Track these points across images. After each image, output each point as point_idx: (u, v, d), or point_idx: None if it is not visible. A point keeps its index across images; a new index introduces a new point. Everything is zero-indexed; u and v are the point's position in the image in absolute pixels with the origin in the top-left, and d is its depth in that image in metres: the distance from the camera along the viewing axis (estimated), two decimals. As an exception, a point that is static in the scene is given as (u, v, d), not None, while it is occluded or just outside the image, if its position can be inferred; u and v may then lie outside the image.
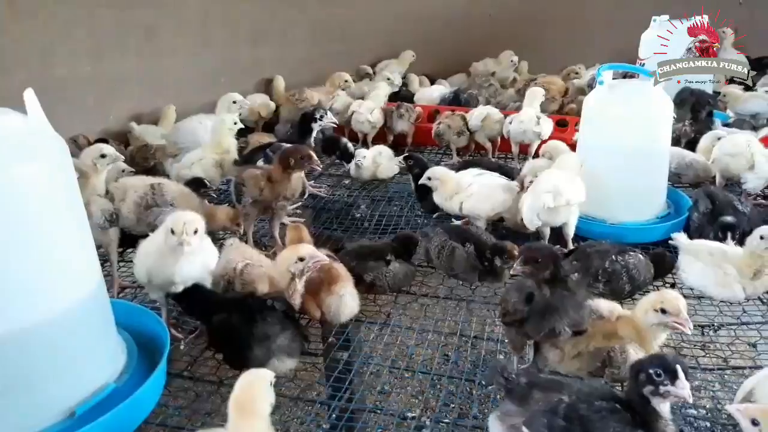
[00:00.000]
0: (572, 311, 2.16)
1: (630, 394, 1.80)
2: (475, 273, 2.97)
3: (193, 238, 2.36)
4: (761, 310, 2.76)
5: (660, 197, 3.48)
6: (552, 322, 2.14)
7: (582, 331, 2.19)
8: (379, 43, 7.29)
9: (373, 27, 7.12)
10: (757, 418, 1.68)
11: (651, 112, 3.30)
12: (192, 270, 2.43)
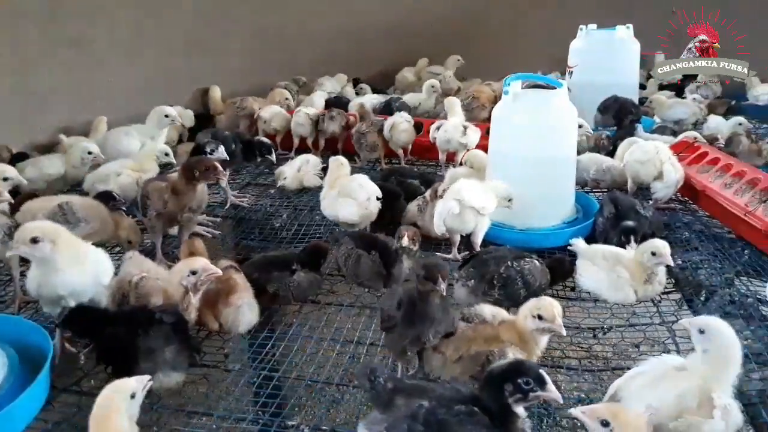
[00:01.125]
0: (439, 318, 2.22)
1: (489, 401, 1.84)
2: (380, 280, 3.01)
3: (32, 247, 2.33)
4: (650, 311, 2.84)
5: (568, 203, 3.56)
6: (418, 329, 2.19)
7: (450, 333, 2.26)
8: (318, 53, 7.32)
9: (312, 37, 7.15)
10: (606, 418, 1.72)
11: (555, 122, 3.39)
12: (78, 282, 2.42)
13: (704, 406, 1.94)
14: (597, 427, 1.70)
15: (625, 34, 5.46)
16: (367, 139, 4.76)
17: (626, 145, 4.14)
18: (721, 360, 1.97)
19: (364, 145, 4.79)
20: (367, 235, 3.21)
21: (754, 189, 3.45)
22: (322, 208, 3.54)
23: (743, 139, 4.94)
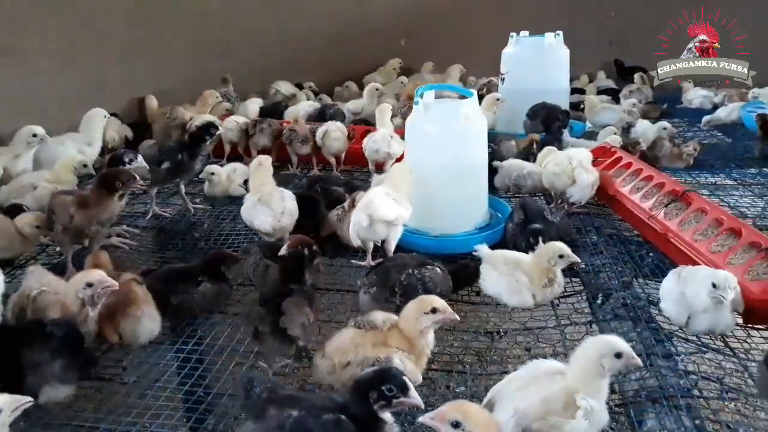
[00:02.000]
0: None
1: (356, 409, 1.89)
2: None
3: None
4: (546, 315, 2.92)
5: (481, 208, 3.65)
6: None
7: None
8: (265, 61, 7.33)
9: (257, 45, 7.15)
10: (456, 419, 1.76)
11: (464, 131, 3.46)
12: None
13: (570, 408, 2.02)
14: (448, 429, 1.74)
15: (553, 41, 5.58)
16: (300, 148, 4.80)
17: (546, 152, 4.24)
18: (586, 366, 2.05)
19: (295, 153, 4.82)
20: (277, 246, 3.24)
21: (660, 193, 3.57)
22: (241, 210, 3.56)
23: (666, 143, 5.11)
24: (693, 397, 2.21)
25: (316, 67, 7.61)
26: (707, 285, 2.50)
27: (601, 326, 2.77)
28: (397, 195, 3.34)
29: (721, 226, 3.06)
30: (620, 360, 2.01)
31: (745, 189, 4.63)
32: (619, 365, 2.02)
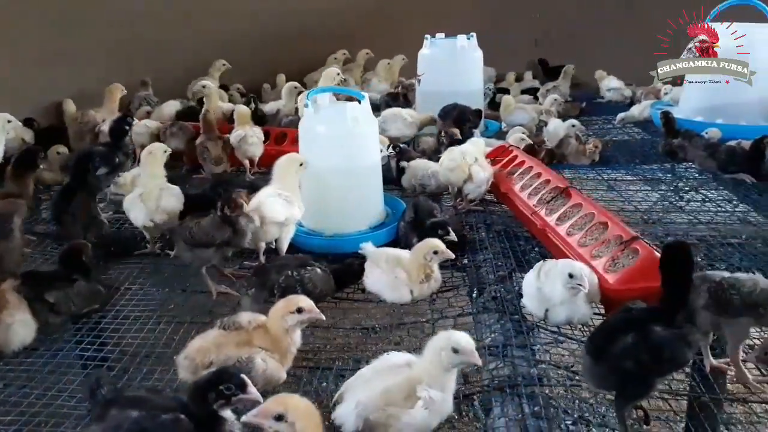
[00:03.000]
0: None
1: (196, 408, 1.94)
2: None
3: None
4: (424, 310, 3.01)
5: (374, 208, 3.73)
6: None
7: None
8: (189, 66, 7.28)
9: (180, 46, 7.11)
10: (279, 412, 1.81)
11: (355, 133, 3.54)
12: None
13: (412, 398, 2.11)
14: (272, 423, 1.79)
15: (466, 43, 5.71)
16: (211, 152, 4.80)
17: (448, 153, 4.34)
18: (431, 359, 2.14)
19: (208, 159, 4.82)
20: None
21: (545, 189, 3.70)
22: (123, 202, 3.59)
23: (572, 141, 5.28)
24: (536, 384, 2.31)
25: (246, 68, 7.59)
26: (564, 277, 2.62)
27: (468, 319, 2.87)
28: (290, 194, 3.39)
29: (592, 220, 3.20)
30: (458, 355, 2.10)
31: (643, 184, 4.82)
32: (457, 360, 2.11)
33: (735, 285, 2.30)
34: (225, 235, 3.14)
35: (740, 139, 4.99)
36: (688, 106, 5.91)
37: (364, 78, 7.67)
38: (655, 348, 1.94)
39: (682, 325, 1.99)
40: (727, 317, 2.29)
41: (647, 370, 1.96)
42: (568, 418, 2.17)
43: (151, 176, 3.52)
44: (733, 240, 3.62)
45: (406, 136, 5.42)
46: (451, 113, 5.29)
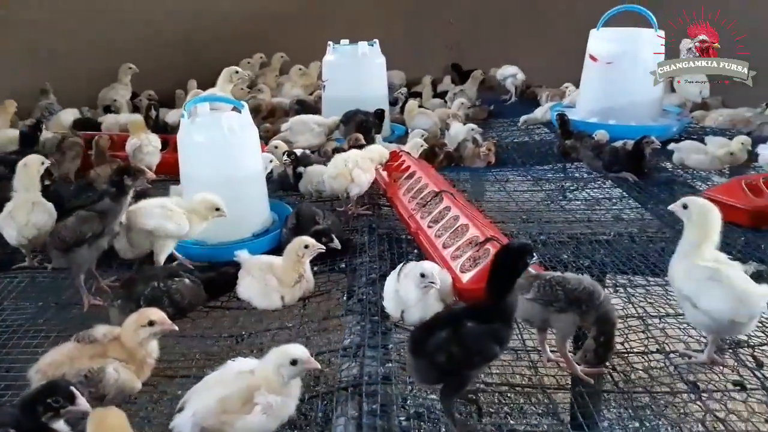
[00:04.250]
0: None
1: (27, 422, 1.96)
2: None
3: None
4: (294, 315, 3.09)
5: (257, 216, 3.78)
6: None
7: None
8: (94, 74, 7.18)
9: (87, 54, 7.00)
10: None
11: (233, 142, 3.58)
12: None
13: (249, 404, 2.18)
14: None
15: (367, 50, 5.83)
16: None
17: (333, 160, 4.42)
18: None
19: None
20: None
21: (423, 193, 3.83)
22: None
23: (469, 144, 5.45)
24: (378, 383, 2.41)
25: (159, 74, 7.52)
26: (417, 277, 2.74)
27: (333, 322, 2.96)
28: (185, 205, 3.40)
29: (457, 222, 3.33)
30: (297, 366, 2.19)
31: (532, 184, 5.03)
32: (297, 370, 2.20)
33: (561, 282, 2.46)
34: (93, 227, 3.11)
35: (629, 139, 5.25)
36: (584, 108, 6.19)
37: (278, 82, 7.71)
38: (464, 342, 2.07)
39: (494, 322, 2.11)
40: (554, 312, 2.45)
41: (459, 364, 2.08)
42: (402, 414, 2.28)
43: (24, 189, 3.48)
44: (602, 237, 3.83)
45: (315, 145, 5.49)
46: (353, 119, 5.39)
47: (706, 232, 2.59)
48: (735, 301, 2.42)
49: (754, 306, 2.43)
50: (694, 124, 6.75)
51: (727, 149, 5.10)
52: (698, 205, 2.65)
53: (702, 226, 2.60)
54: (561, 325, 2.48)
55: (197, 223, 3.38)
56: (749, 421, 2.33)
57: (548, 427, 2.34)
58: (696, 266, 2.52)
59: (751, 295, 2.43)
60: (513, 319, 2.19)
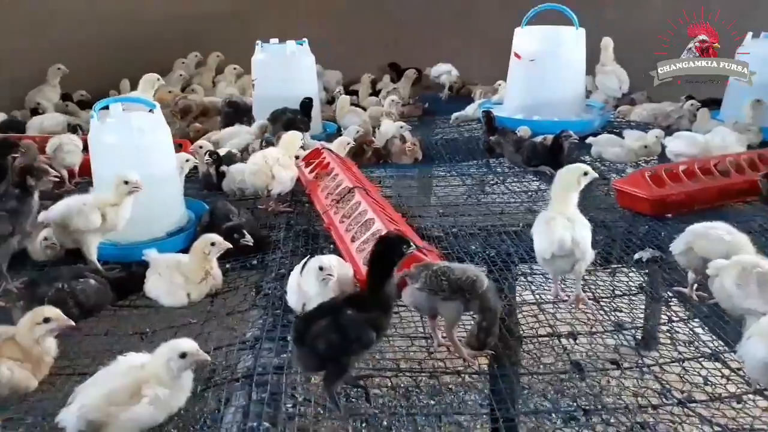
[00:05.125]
0: None
1: None
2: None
3: None
4: (196, 312, 3.13)
5: (171, 215, 3.81)
6: None
7: None
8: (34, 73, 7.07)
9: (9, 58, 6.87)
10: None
11: (145, 142, 3.61)
12: None
13: (137, 397, 2.24)
14: None
15: (296, 48, 5.89)
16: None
17: (251, 157, 4.47)
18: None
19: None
20: None
21: (339, 189, 3.91)
22: None
23: (396, 141, 5.56)
24: (269, 373, 2.48)
25: (91, 75, 7.43)
26: (316, 270, 2.82)
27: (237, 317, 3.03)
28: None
29: (365, 217, 3.43)
30: (186, 359, 2.25)
31: (455, 179, 5.17)
32: (187, 363, 2.26)
33: (446, 272, 2.57)
34: (2, 228, 3.08)
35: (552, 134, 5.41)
36: (510, 104, 6.36)
37: (215, 81, 7.70)
38: (342, 329, 2.16)
39: (373, 310, 2.21)
40: (440, 300, 2.56)
41: (338, 351, 2.17)
42: (290, 401, 2.35)
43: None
44: (511, 228, 3.97)
45: (244, 145, 5.51)
46: (280, 117, 5.45)
47: (558, 191, 3.07)
48: (548, 242, 2.90)
49: (562, 245, 2.87)
50: (620, 119, 7.02)
51: (642, 142, 5.33)
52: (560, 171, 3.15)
53: (555, 186, 3.10)
54: (447, 313, 2.59)
55: (113, 208, 3.36)
56: (620, 396, 2.48)
57: (436, 408, 2.44)
58: (542, 213, 3.04)
59: (564, 237, 2.87)
60: (392, 306, 2.29)
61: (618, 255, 3.60)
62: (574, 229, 2.91)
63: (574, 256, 2.91)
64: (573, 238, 2.89)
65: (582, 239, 2.92)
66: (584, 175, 3.09)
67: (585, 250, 2.93)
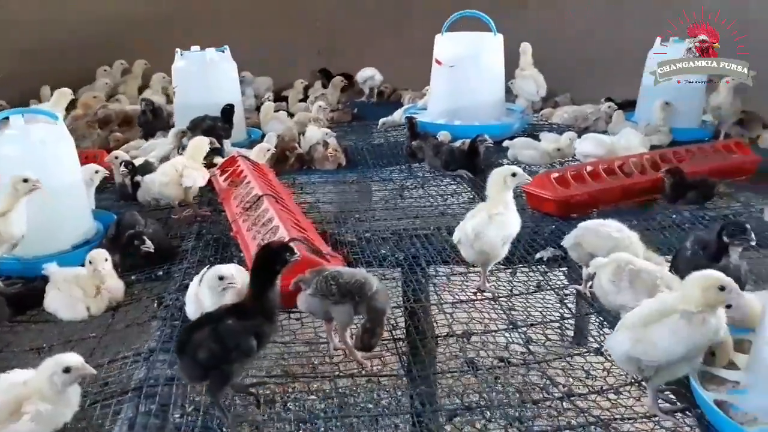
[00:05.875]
0: None
1: None
2: None
3: None
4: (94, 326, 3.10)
5: (77, 227, 3.76)
6: None
7: None
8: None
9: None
10: None
11: (41, 153, 3.55)
12: None
13: (19, 414, 2.21)
14: None
15: (216, 56, 5.88)
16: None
17: (160, 168, 4.45)
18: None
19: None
20: None
21: (249, 197, 3.93)
22: None
23: (319, 147, 5.60)
24: (159, 385, 2.49)
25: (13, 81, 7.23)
26: (214, 280, 2.83)
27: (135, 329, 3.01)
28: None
29: (270, 224, 3.45)
30: (71, 374, 2.23)
31: (376, 184, 5.24)
32: (72, 378, 2.24)
33: (336, 277, 2.62)
34: None
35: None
36: (433, 109, 6.48)
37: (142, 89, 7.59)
38: (221, 338, 2.18)
39: (255, 318, 2.24)
40: (332, 304, 2.61)
41: (219, 359, 2.20)
42: (177, 411, 2.36)
43: None
44: (422, 232, 4.06)
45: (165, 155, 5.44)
46: (200, 125, 5.41)
47: (490, 190, 3.30)
48: (456, 230, 3.27)
49: (463, 235, 3.20)
50: (542, 121, 7.25)
51: (555, 145, 5.52)
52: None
53: (488, 185, 3.33)
54: (339, 316, 2.64)
55: (13, 210, 3.28)
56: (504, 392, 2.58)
57: (326, 411, 2.48)
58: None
59: (466, 228, 3.18)
60: (275, 314, 2.33)
61: (521, 255, 3.72)
62: (489, 224, 3.14)
63: (477, 248, 3.16)
64: (474, 230, 3.10)
65: (486, 234, 3.13)
66: (512, 176, 3.28)
67: (488, 243, 3.15)
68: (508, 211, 3.22)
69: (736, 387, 2.37)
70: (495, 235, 3.15)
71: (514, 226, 3.22)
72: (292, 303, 2.78)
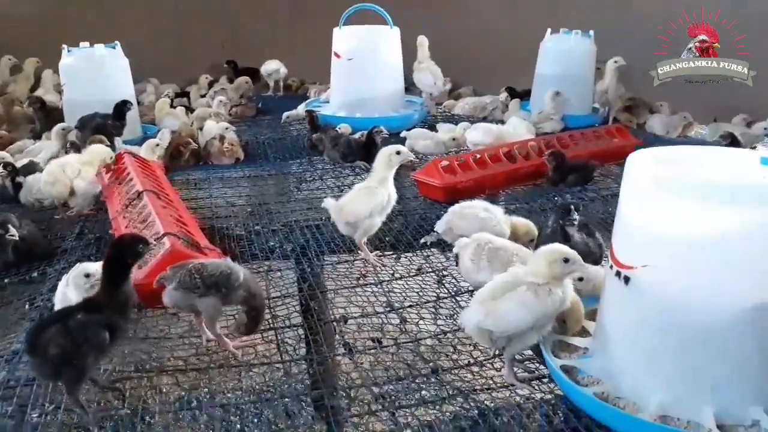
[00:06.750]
0: None
1: None
2: None
3: None
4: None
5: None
6: None
7: None
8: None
9: None
10: None
11: None
12: None
13: None
14: None
15: (106, 52, 5.74)
16: None
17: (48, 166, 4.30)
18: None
19: None
20: None
21: (130, 193, 3.85)
22: None
23: (215, 142, 5.54)
24: (19, 386, 2.42)
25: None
26: (80, 278, 2.76)
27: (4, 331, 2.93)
28: None
29: (148, 220, 3.41)
30: None
31: (272, 178, 5.24)
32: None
33: (200, 270, 2.61)
34: None
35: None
36: (334, 102, 6.53)
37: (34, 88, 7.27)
38: (71, 334, 2.16)
39: (107, 311, 2.22)
40: (197, 297, 2.61)
41: (70, 355, 2.16)
42: (36, 411, 2.32)
43: None
44: (313, 223, 4.09)
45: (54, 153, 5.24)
46: (89, 123, 5.25)
47: (376, 167, 3.47)
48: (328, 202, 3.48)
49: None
50: (445, 112, 7.43)
51: (451, 134, 5.67)
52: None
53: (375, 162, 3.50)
54: (206, 309, 2.64)
55: None
56: (373, 370, 2.66)
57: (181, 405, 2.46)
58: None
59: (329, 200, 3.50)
60: (129, 307, 2.31)
61: (407, 240, 3.82)
62: (356, 196, 3.41)
63: (342, 219, 3.43)
64: (337, 203, 3.43)
65: (348, 205, 3.40)
66: (397, 153, 3.41)
67: (352, 213, 3.39)
68: (382, 186, 3.37)
69: (586, 353, 2.54)
70: (358, 206, 3.33)
71: (383, 198, 3.36)
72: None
